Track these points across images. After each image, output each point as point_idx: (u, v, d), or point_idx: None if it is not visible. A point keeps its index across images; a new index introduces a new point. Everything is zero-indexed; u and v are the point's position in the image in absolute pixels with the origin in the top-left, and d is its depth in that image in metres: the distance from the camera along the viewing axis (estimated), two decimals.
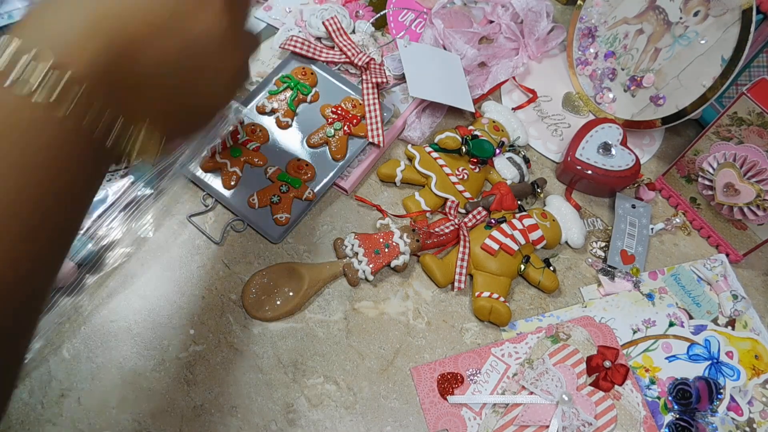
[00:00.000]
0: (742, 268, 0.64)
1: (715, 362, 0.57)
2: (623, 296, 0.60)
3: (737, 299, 0.60)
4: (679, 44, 0.65)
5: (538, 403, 0.51)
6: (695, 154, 0.63)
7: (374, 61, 0.67)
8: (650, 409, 0.54)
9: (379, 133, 0.63)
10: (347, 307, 0.57)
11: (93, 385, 0.50)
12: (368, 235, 0.58)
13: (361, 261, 0.57)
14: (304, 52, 0.67)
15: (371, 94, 0.65)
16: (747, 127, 0.57)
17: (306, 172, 0.61)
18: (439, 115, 0.70)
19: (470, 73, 0.71)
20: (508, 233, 0.59)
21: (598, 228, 0.65)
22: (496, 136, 0.67)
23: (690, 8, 0.64)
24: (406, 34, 0.74)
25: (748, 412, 0.55)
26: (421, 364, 0.54)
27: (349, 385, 0.53)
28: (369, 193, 0.64)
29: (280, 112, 0.64)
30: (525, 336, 0.56)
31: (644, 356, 0.57)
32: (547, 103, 0.74)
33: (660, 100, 0.67)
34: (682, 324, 0.59)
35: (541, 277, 0.59)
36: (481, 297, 0.56)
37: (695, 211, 0.66)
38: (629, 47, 0.70)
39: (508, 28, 0.74)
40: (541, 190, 0.65)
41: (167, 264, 0.57)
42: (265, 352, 0.53)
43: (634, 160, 0.64)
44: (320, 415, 0.51)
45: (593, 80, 0.74)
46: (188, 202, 0.60)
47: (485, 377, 0.54)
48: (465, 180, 0.63)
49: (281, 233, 0.59)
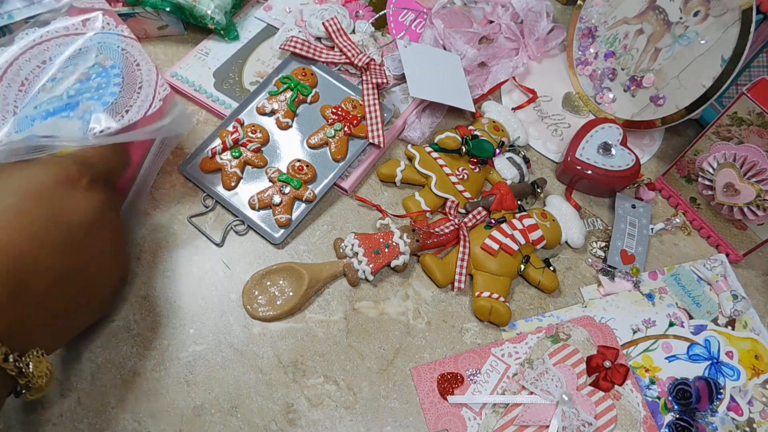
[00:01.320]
0: (742, 268, 0.64)
1: (715, 362, 0.57)
2: (623, 296, 0.60)
3: (737, 299, 0.60)
4: (679, 44, 0.65)
5: (538, 403, 0.51)
6: (695, 154, 0.63)
7: (374, 62, 0.67)
8: (650, 409, 0.54)
9: (379, 133, 0.63)
10: (347, 307, 0.57)
11: (93, 385, 0.50)
12: (368, 235, 0.58)
13: (361, 261, 0.57)
14: (304, 53, 0.67)
15: (371, 95, 0.65)
16: (747, 127, 0.57)
17: (306, 173, 0.61)
18: (439, 115, 0.70)
19: (470, 73, 0.71)
20: (508, 233, 0.59)
21: (598, 228, 0.65)
22: (496, 136, 0.67)
23: (690, 8, 0.64)
24: (406, 34, 0.74)
25: (748, 412, 0.55)
26: (421, 364, 0.54)
27: (349, 385, 0.53)
28: (369, 193, 0.64)
29: (280, 112, 0.64)
30: (525, 336, 0.56)
31: (644, 356, 0.57)
32: (547, 103, 0.74)
33: (660, 100, 0.67)
34: (682, 324, 0.59)
35: (541, 277, 0.59)
36: (481, 297, 0.57)
37: (695, 211, 0.66)
38: (629, 47, 0.70)
39: (508, 28, 0.74)
40: (541, 190, 0.65)
41: (167, 264, 0.57)
42: (265, 352, 0.53)
43: (634, 160, 0.64)
44: (320, 415, 0.51)
45: (593, 80, 0.74)
46: (188, 203, 0.60)
47: (485, 377, 0.54)
48: (465, 180, 0.64)
49: (282, 234, 0.59)
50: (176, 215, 0.59)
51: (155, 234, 0.58)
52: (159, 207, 0.60)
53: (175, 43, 0.71)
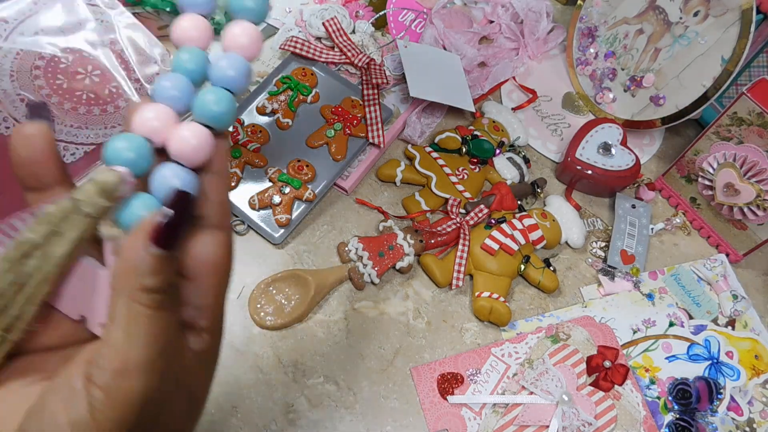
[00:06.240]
0: (742, 268, 0.64)
1: (715, 362, 0.57)
2: (623, 296, 0.60)
3: (737, 299, 0.60)
4: (679, 44, 0.65)
5: (538, 403, 0.51)
6: (695, 154, 0.63)
7: (374, 62, 0.67)
8: (650, 409, 0.54)
9: (379, 133, 0.63)
10: (347, 307, 0.57)
11: None
12: (372, 237, 0.58)
13: (366, 264, 0.57)
14: (304, 53, 0.67)
15: (371, 95, 0.65)
16: (747, 127, 0.57)
17: (306, 173, 0.61)
18: (439, 115, 0.70)
19: (470, 73, 0.71)
20: (508, 233, 0.59)
21: (598, 228, 0.65)
22: (496, 136, 0.67)
23: (690, 8, 0.64)
24: (406, 34, 0.74)
25: (748, 412, 0.55)
26: (421, 364, 0.54)
27: (349, 385, 0.53)
28: (369, 193, 0.64)
29: (281, 112, 0.64)
30: (525, 336, 0.56)
31: (644, 356, 0.57)
32: (547, 103, 0.74)
33: (660, 100, 0.67)
34: (682, 324, 0.59)
35: (541, 277, 0.59)
36: (481, 297, 0.57)
37: (695, 211, 0.65)
38: (629, 47, 0.70)
39: (508, 28, 0.74)
40: (541, 190, 0.65)
41: None
42: (265, 352, 0.53)
43: (634, 160, 0.64)
44: (320, 415, 0.51)
45: (593, 80, 0.74)
46: None
47: (485, 377, 0.54)
48: (465, 180, 0.63)
49: (282, 234, 0.59)
50: None
51: None
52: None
53: None
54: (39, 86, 0.58)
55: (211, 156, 0.25)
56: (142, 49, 0.63)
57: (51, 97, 0.58)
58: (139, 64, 0.62)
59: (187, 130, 0.24)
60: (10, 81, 0.57)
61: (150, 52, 0.63)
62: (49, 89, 0.58)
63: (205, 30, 0.26)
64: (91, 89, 0.59)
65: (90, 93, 0.59)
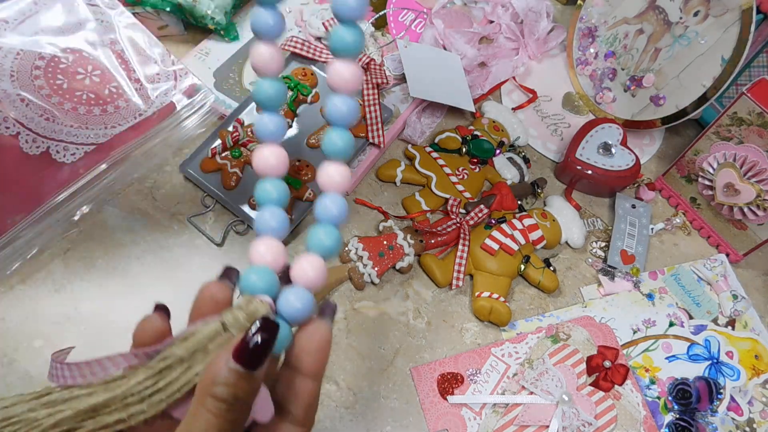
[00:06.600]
0: (742, 268, 0.64)
1: (715, 362, 0.57)
2: (623, 296, 0.60)
3: (737, 299, 0.60)
4: (679, 44, 0.65)
5: (538, 403, 0.51)
6: (695, 154, 0.63)
7: (374, 62, 0.67)
8: (650, 409, 0.54)
9: (379, 133, 0.63)
10: (347, 307, 0.57)
11: None
12: (371, 238, 0.58)
13: (366, 264, 0.57)
14: (304, 53, 0.67)
15: (371, 95, 0.65)
16: (747, 127, 0.57)
17: (306, 173, 0.61)
18: (439, 115, 0.70)
19: (470, 73, 0.71)
20: (508, 233, 0.59)
21: (598, 228, 0.65)
22: (496, 136, 0.67)
23: (690, 8, 0.64)
24: (406, 34, 0.74)
25: (748, 412, 0.55)
26: (421, 364, 0.54)
27: (349, 385, 0.53)
28: (369, 193, 0.64)
29: (281, 112, 0.64)
30: (525, 336, 0.56)
31: (644, 356, 0.57)
32: (547, 103, 0.74)
33: (660, 100, 0.67)
34: (682, 324, 0.59)
35: (541, 277, 0.59)
36: (481, 297, 0.57)
37: (695, 211, 0.66)
38: (629, 47, 0.70)
39: (508, 28, 0.74)
40: (541, 190, 0.65)
41: (167, 264, 0.57)
42: None
43: (634, 160, 0.64)
44: (320, 415, 0.51)
45: (593, 80, 0.74)
46: (188, 203, 0.60)
47: (485, 377, 0.54)
48: (465, 180, 0.64)
49: None
50: (176, 215, 0.59)
51: (155, 234, 0.58)
52: (159, 207, 0.60)
53: (175, 43, 0.71)
54: (39, 86, 0.58)
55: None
56: (142, 49, 0.63)
57: (51, 97, 0.58)
58: (139, 64, 0.62)
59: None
60: (10, 81, 0.57)
61: (150, 52, 0.63)
62: (49, 89, 0.58)
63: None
64: (91, 89, 0.59)
65: (90, 93, 0.59)
